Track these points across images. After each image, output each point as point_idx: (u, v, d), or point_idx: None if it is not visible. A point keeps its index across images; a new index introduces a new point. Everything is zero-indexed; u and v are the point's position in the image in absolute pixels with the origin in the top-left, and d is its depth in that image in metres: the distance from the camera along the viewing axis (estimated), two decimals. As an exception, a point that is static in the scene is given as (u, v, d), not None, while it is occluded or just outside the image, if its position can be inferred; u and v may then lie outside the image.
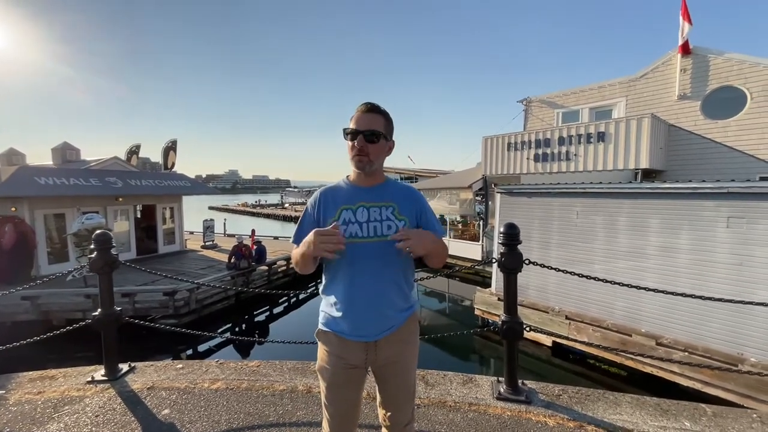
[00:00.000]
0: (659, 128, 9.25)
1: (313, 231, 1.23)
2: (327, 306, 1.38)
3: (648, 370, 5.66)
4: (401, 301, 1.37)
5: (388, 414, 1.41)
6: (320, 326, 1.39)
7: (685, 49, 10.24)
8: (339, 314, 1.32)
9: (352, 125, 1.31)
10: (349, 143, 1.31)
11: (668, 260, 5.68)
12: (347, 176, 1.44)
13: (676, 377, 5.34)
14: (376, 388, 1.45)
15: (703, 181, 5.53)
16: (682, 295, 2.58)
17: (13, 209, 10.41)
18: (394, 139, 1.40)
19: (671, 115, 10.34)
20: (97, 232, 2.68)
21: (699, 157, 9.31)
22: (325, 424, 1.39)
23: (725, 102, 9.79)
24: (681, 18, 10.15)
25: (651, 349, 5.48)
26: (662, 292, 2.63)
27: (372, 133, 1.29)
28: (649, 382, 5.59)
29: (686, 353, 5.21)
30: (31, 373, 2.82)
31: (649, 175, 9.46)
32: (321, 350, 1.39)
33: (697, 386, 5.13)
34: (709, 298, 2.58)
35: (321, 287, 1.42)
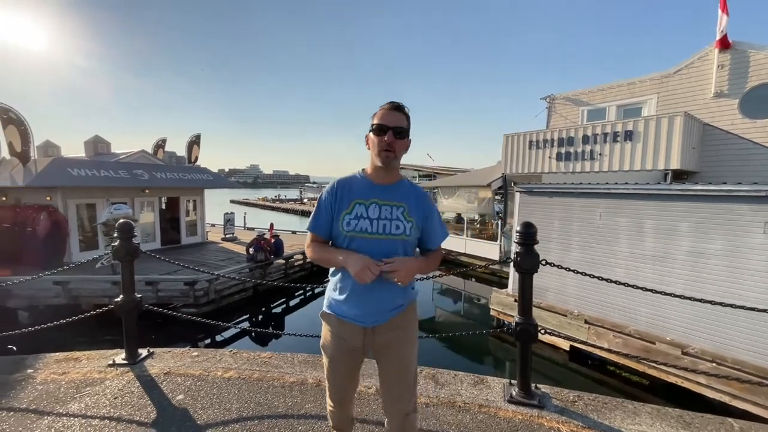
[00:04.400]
0: (693, 127, 8.80)
1: (364, 259, 1.30)
2: (332, 291, 1.46)
3: (672, 380, 5.42)
4: (400, 295, 1.43)
5: (387, 401, 1.48)
6: (324, 308, 1.49)
7: (724, 44, 9.66)
8: (342, 299, 1.41)
9: (378, 121, 1.35)
10: (375, 138, 1.35)
11: (697, 266, 5.41)
12: (363, 170, 1.47)
13: (701, 389, 5.10)
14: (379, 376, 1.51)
15: (739, 183, 5.22)
16: (710, 302, 2.44)
17: (48, 198, 10.98)
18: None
19: (706, 114, 9.81)
20: (120, 221, 2.77)
21: (736, 159, 8.79)
22: (327, 392, 1.55)
23: (766, 100, 9.20)
24: (719, 11, 9.59)
25: (676, 359, 5.24)
26: (690, 298, 2.50)
27: (400, 130, 1.35)
28: (673, 393, 5.36)
29: (714, 364, 4.96)
30: (57, 354, 2.96)
31: (680, 176, 9.02)
32: (324, 329, 1.50)
33: (725, 399, 4.88)
34: (741, 307, 2.43)
35: (330, 274, 1.50)
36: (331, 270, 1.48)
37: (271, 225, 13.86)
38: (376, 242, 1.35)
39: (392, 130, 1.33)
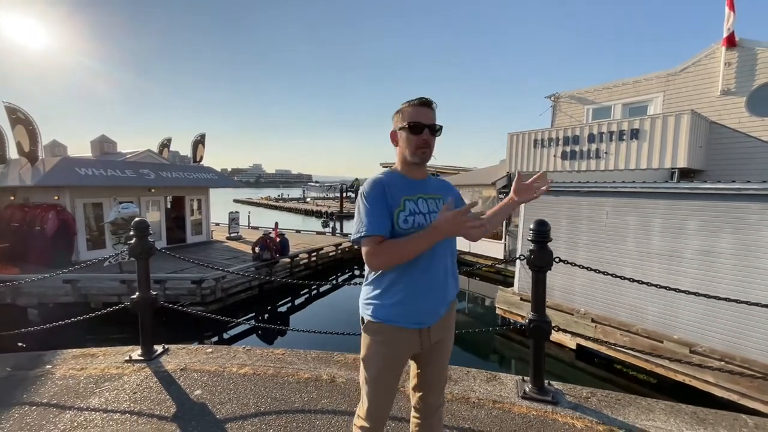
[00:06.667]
0: (699, 125, 8.76)
1: (449, 218, 1.12)
2: (381, 297, 1.32)
3: (680, 378, 5.41)
4: (455, 288, 1.45)
5: (423, 396, 1.46)
6: (370, 318, 1.33)
7: (731, 42, 9.60)
8: (396, 303, 1.30)
9: (413, 119, 1.31)
10: (412, 136, 1.32)
11: (707, 265, 5.39)
12: (394, 168, 1.42)
13: (710, 387, 5.09)
14: (413, 373, 1.49)
15: (748, 181, 5.20)
16: (723, 299, 2.45)
17: (56, 197, 11.07)
18: None
19: (713, 112, 9.75)
20: (136, 220, 2.81)
21: (743, 157, 8.74)
22: (362, 409, 1.38)
23: (774, 98, 9.14)
24: (726, 8, 9.53)
25: (684, 357, 5.24)
26: (702, 295, 2.51)
27: (437, 127, 1.35)
28: (681, 391, 5.35)
29: (723, 363, 4.95)
30: (74, 350, 3.01)
31: (687, 174, 8.99)
32: (369, 341, 1.34)
33: (734, 398, 4.87)
34: (755, 303, 2.43)
35: (372, 278, 1.36)
36: (377, 277, 1.33)
37: (276, 224, 13.91)
38: None
39: (428, 128, 1.31)
